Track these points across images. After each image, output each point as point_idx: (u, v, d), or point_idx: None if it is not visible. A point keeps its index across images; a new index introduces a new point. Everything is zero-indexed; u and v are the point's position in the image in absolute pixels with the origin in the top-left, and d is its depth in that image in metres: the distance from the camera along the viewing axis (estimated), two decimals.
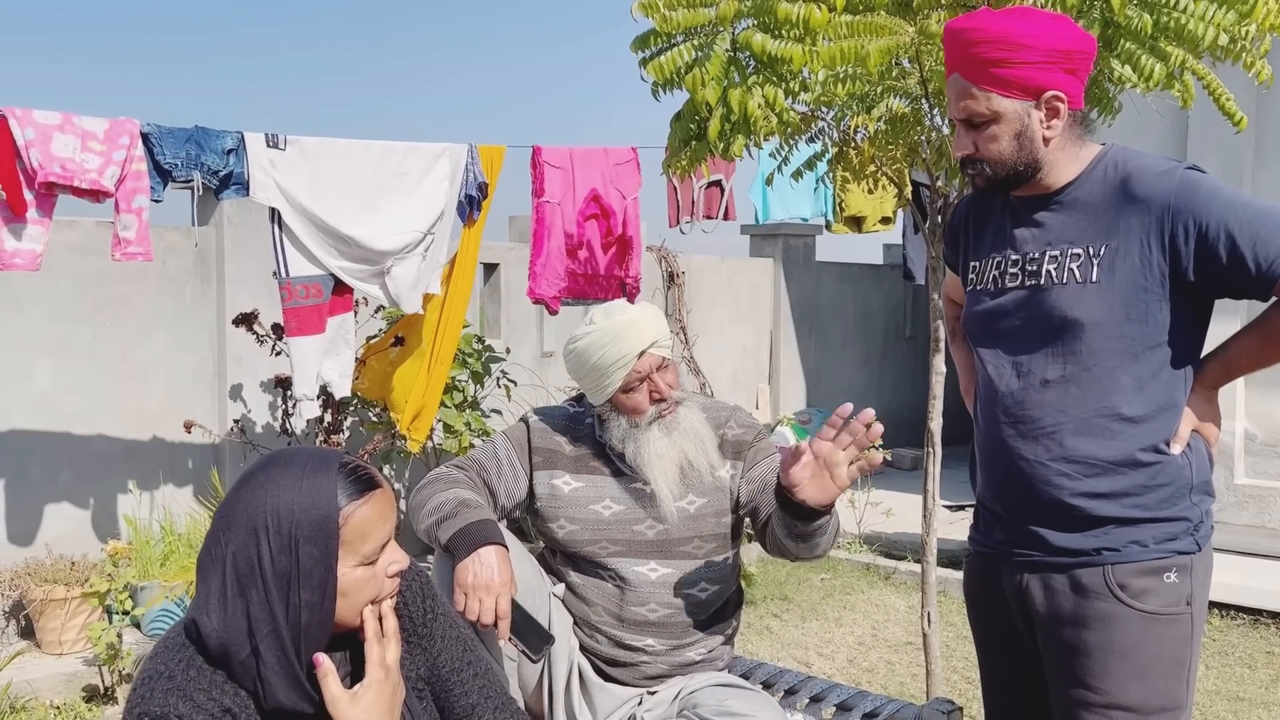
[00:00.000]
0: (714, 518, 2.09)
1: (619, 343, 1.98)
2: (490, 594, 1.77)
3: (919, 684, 3.57)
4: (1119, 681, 1.64)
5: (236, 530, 1.26)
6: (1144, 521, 1.65)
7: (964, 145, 1.69)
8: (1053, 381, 1.67)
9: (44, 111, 3.12)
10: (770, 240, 7.42)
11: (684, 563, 2.06)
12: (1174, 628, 1.65)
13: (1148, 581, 1.64)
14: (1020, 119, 1.63)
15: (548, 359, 5.89)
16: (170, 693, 1.22)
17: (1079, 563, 1.67)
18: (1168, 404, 1.65)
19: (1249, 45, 2.32)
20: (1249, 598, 4.25)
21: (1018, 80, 1.60)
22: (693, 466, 2.04)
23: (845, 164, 3.01)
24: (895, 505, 5.59)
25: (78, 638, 3.75)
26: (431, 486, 2.00)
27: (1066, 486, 1.66)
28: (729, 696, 1.94)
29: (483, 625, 1.78)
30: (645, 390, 2.02)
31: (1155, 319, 1.63)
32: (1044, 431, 1.68)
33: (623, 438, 2.04)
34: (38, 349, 4.07)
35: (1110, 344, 1.63)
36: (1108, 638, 1.64)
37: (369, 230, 3.67)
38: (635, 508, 2.06)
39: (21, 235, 3.14)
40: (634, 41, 2.43)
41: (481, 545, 1.81)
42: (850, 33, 2.17)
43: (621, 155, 4.44)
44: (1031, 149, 1.65)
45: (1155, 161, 1.66)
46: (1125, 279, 1.62)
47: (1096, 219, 1.65)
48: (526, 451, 2.11)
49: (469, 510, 1.90)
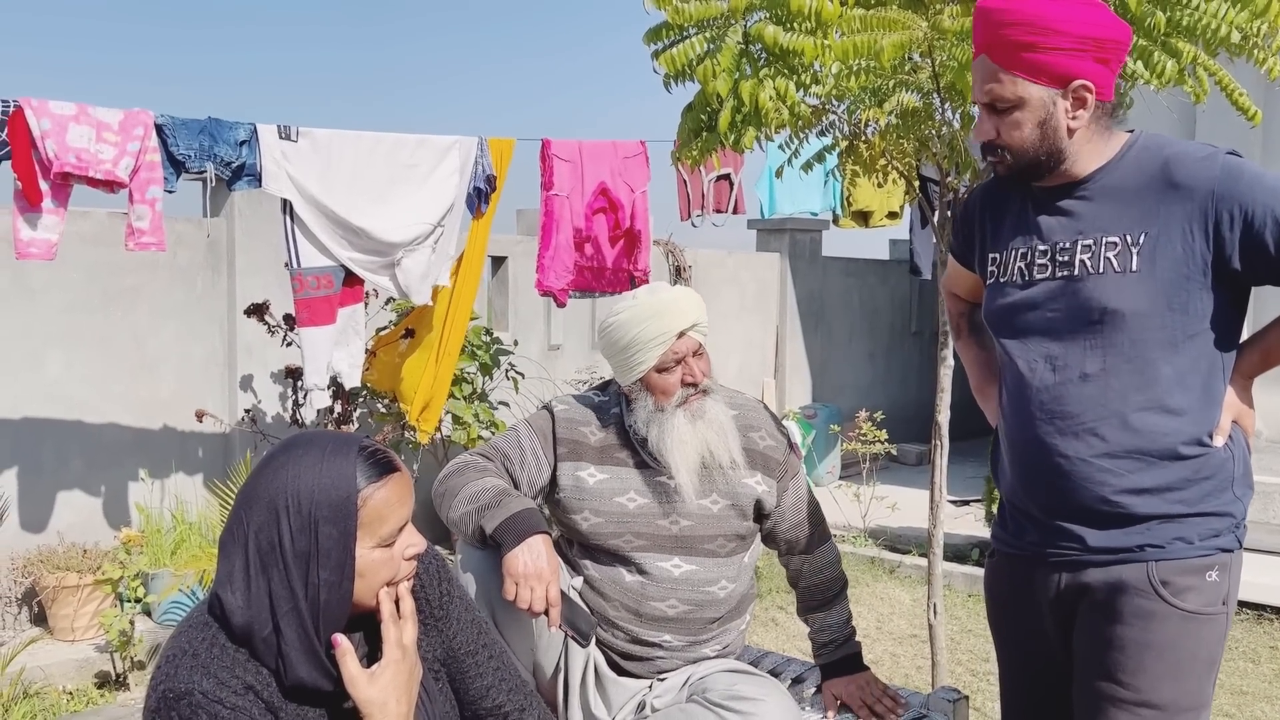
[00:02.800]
0: (738, 519, 2.07)
1: (661, 319, 1.96)
2: (541, 582, 1.78)
3: (924, 675, 3.59)
4: (1152, 679, 1.60)
5: (258, 510, 1.29)
6: (1188, 517, 1.60)
7: (985, 130, 1.63)
8: (1092, 375, 1.61)
9: (59, 102, 3.15)
10: (777, 235, 7.43)
11: (707, 560, 2.05)
12: (1210, 628, 1.61)
13: (1191, 579, 1.60)
14: (1045, 107, 1.57)
15: (555, 351, 5.91)
16: (194, 670, 1.25)
17: (1120, 559, 1.62)
18: (1208, 395, 1.61)
19: (1261, 42, 2.32)
20: (1253, 593, 4.25)
21: (1046, 66, 1.54)
22: (714, 458, 2.02)
23: (855, 157, 3.02)
24: (900, 499, 5.61)
25: (90, 624, 3.79)
26: (463, 474, 1.98)
27: (1110, 484, 1.60)
28: (738, 681, 1.95)
29: (534, 613, 1.79)
30: (679, 373, 2.00)
31: (1196, 308, 1.57)
32: (1084, 427, 1.62)
33: (647, 420, 2.01)
34: (50, 338, 4.10)
35: (1151, 334, 1.58)
36: (1146, 635, 1.60)
37: (379, 222, 3.70)
38: (659, 501, 2.04)
39: (37, 225, 3.17)
40: (647, 34, 2.45)
41: (530, 534, 1.82)
42: (863, 26, 2.18)
43: (630, 149, 4.46)
44: (1054, 139, 1.59)
45: (1194, 147, 1.60)
46: (1167, 267, 1.56)
47: (1132, 206, 1.59)
48: (551, 442, 2.07)
49: (511, 499, 1.89)
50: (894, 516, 5.45)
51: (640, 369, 2.00)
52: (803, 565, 2.21)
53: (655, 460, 2.04)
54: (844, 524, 5.47)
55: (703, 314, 2.03)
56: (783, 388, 7.44)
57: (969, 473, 6.62)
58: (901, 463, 7.20)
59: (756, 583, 4.49)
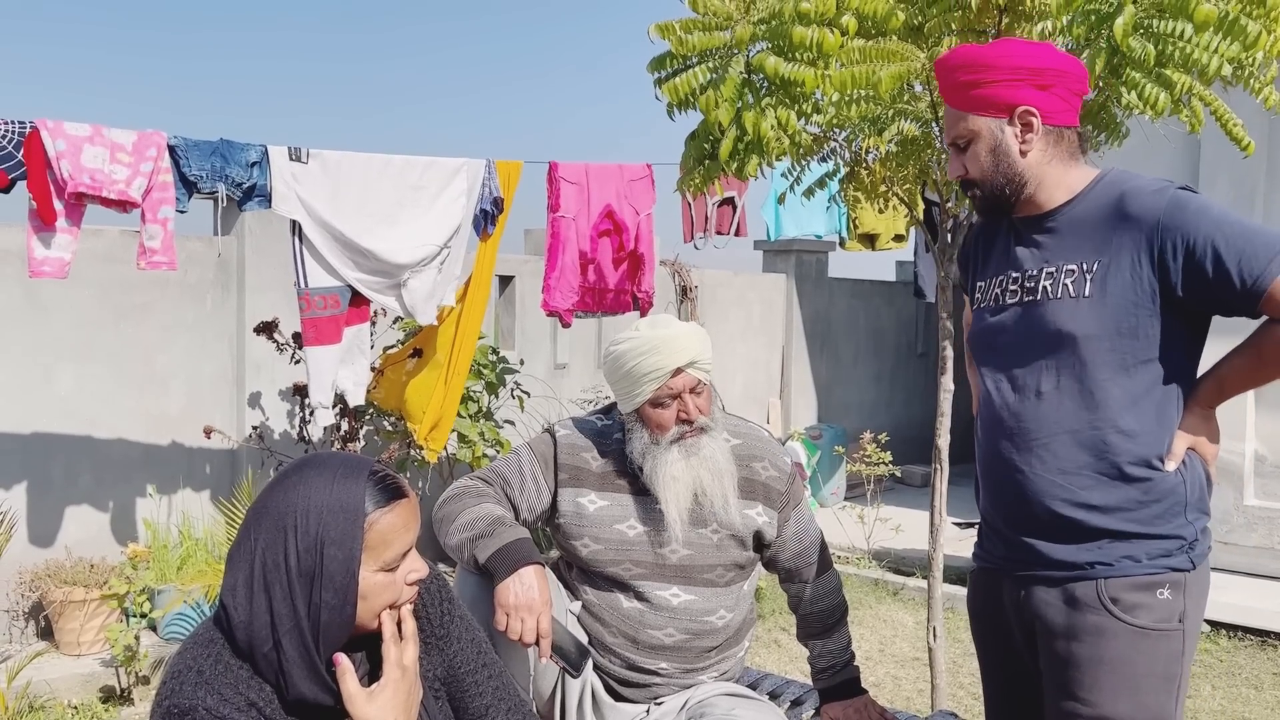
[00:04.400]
0: (737, 549, 2.07)
1: (656, 354, 1.95)
2: (532, 614, 1.79)
3: (925, 699, 3.59)
4: (1109, 695, 1.66)
5: (266, 526, 1.32)
6: (1137, 537, 1.67)
7: (955, 168, 1.79)
8: (1046, 393, 1.71)
9: (74, 124, 3.20)
10: (783, 256, 7.46)
11: (705, 589, 2.05)
12: (1165, 643, 1.66)
13: (1140, 596, 1.66)
14: (994, 135, 1.72)
15: (561, 371, 5.94)
16: (199, 686, 1.27)
17: (1073, 576, 1.70)
18: (1162, 420, 1.68)
19: (1256, 71, 2.36)
20: (1257, 619, 4.25)
21: (990, 99, 1.70)
22: (706, 496, 2.01)
23: (857, 183, 3.06)
24: (904, 521, 5.61)
25: (96, 639, 3.81)
26: (460, 500, 1.99)
27: (1061, 498, 1.69)
28: (736, 706, 1.96)
29: (524, 644, 1.80)
30: (674, 409, 1.98)
31: (1146, 334, 1.66)
32: (1039, 443, 1.71)
33: (642, 452, 2.01)
34: (61, 354, 4.14)
35: (1101, 357, 1.67)
36: (1099, 651, 1.66)
37: (387, 243, 3.74)
38: (659, 529, 2.04)
39: (51, 244, 3.22)
40: (651, 62, 2.49)
41: (521, 565, 1.83)
42: (862, 58, 2.22)
43: (636, 172, 4.50)
44: (1008, 163, 1.72)
45: (1149, 182, 1.70)
46: (1116, 293, 1.66)
47: (1090, 237, 1.70)
48: (552, 467, 2.07)
49: (505, 529, 1.90)
50: (898, 539, 5.44)
51: (637, 400, 1.99)
52: (803, 593, 2.21)
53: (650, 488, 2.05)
54: (847, 546, 5.47)
55: (705, 351, 2.00)
56: (788, 408, 7.46)
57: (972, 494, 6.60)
58: (906, 484, 7.20)
59: (758, 605, 4.50)
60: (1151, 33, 2.19)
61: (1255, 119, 2.64)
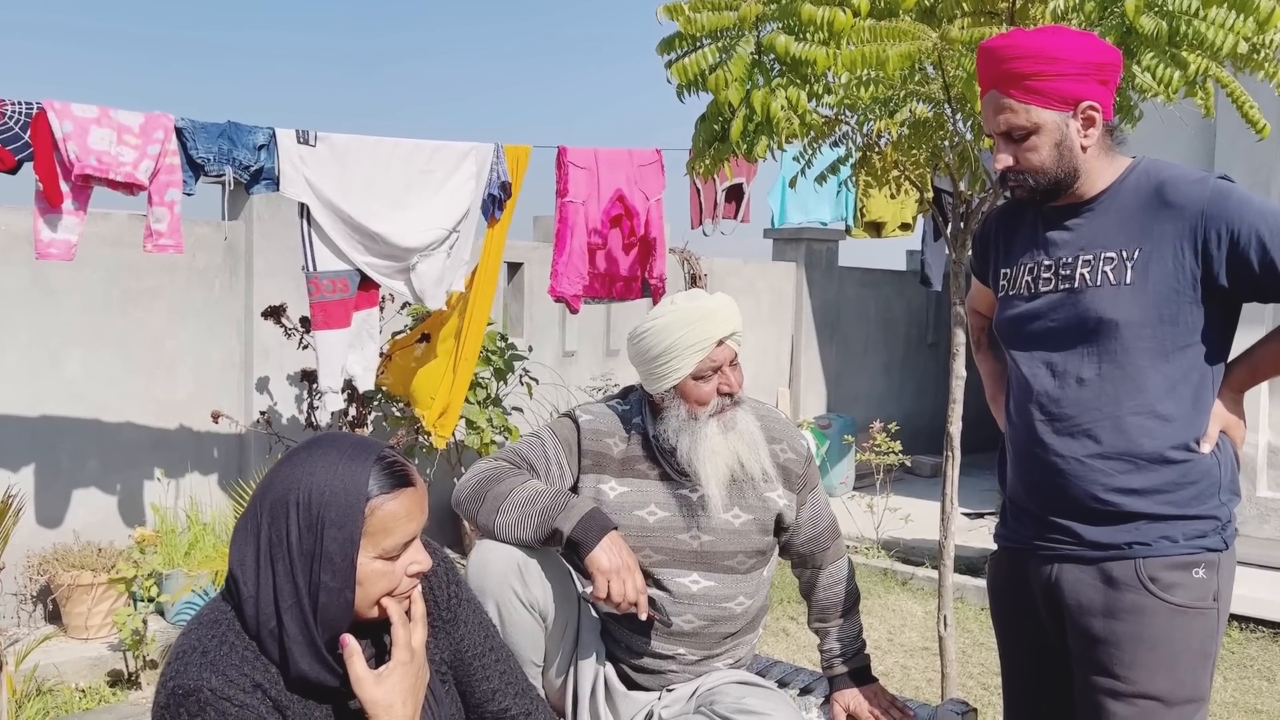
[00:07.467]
0: (759, 534, 2.07)
1: (702, 325, 1.96)
2: (631, 573, 1.85)
3: (934, 689, 3.58)
4: (1148, 672, 1.68)
5: (272, 503, 1.31)
6: (1174, 518, 1.70)
7: (1004, 159, 1.76)
8: (1088, 380, 1.73)
9: (81, 105, 3.19)
10: (793, 244, 7.43)
11: (726, 576, 2.05)
12: (1201, 621, 1.69)
13: (1177, 575, 1.69)
14: (1060, 129, 1.70)
15: (569, 358, 5.93)
16: (204, 667, 1.26)
17: (1110, 555, 1.72)
18: (1198, 404, 1.71)
19: (1270, 54, 2.32)
20: (1270, 611, 4.22)
21: (1056, 92, 1.68)
22: (744, 470, 2.01)
23: (868, 168, 3.03)
24: (914, 511, 5.59)
25: (103, 623, 3.82)
26: (505, 480, 1.96)
27: (1101, 482, 1.71)
28: (746, 694, 1.95)
29: (628, 603, 1.84)
30: (715, 381, 1.98)
31: (1186, 320, 1.69)
32: (1079, 429, 1.73)
33: (678, 429, 1.99)
34: (69, 338, 4.14)
35: (1143, 343, 1.69)
36: (1138, 629, 1.69)
37: (395, 227, 3.72)
38: (680, 515, 2.03)
39: (57, 226, 3.21)
40: (660, 44, 2.46)
41: (607, 530, 1.87)
42: (873, 37, 2.19)
43: (646, 157, 4.47)
44: (1071, 157, 1.72)
45: (1188, 171, 1.72)
46: (1158, 281, 1.68)
47: (1128, 224, 1.72)
48: (575, 453, 2.06)
49: (574, 500, 1.92)
50: (907, 528, 5.43)
51: (675, 376, 1.97)
52: (816, 579, 2.21)
53: (680, 473, 2.03)
54: (857, 535, 5.45)
55: (740, 323, 2.03)
56: (797, 397, 7.44)
57: (983, 485, 6.58)
58: (916, 474, 7.17)
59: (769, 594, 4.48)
60: (1163, 10, 2.16)
61: (1271, 104, 2.60)
